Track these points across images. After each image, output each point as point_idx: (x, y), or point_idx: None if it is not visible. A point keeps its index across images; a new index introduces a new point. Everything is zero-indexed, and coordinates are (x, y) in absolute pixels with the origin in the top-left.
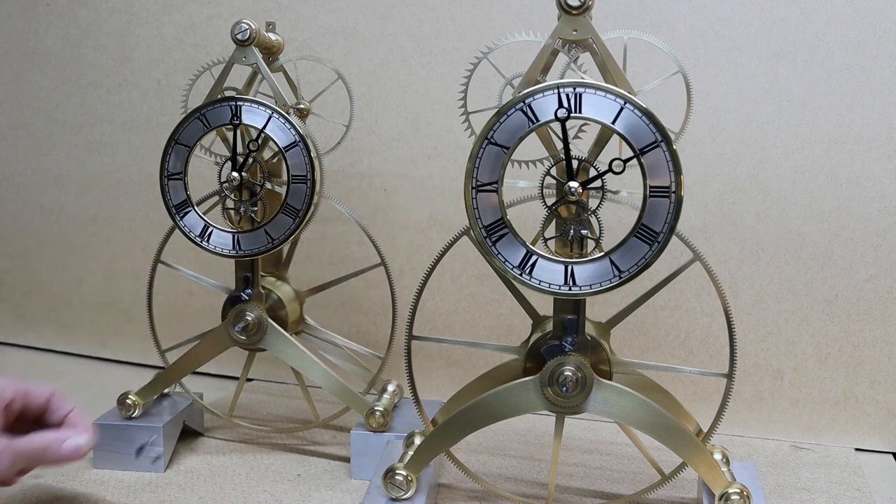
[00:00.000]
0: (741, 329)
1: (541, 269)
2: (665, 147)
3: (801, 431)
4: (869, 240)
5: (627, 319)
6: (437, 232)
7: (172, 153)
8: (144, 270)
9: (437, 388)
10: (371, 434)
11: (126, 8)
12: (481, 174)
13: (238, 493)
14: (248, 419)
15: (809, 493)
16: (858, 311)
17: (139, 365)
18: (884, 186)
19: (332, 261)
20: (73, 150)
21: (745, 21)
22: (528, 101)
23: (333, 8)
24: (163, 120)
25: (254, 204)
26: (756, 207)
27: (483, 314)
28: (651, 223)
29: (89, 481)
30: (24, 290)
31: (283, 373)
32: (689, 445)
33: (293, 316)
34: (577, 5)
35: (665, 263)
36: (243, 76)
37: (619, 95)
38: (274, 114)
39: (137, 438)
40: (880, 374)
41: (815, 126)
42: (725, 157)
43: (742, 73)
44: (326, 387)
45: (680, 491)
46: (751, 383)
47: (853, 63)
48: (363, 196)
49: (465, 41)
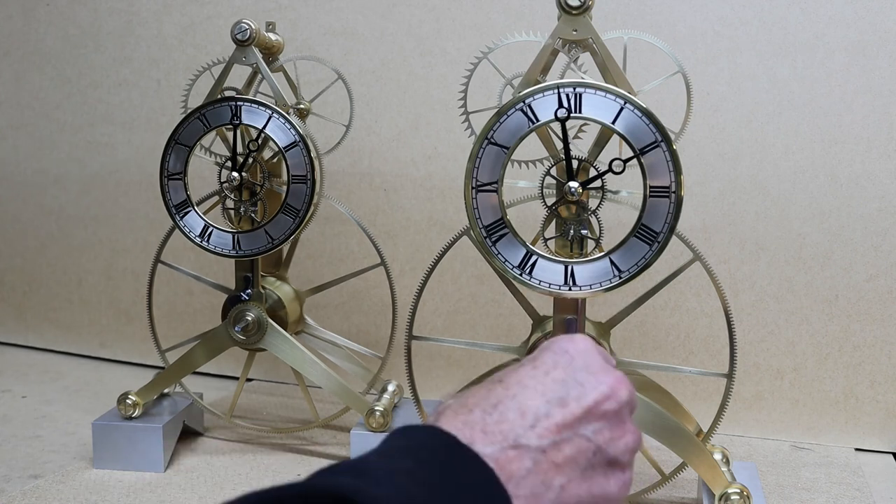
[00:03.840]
0: (741, 329)
1: (541, 269)
2: (665, 147)
3: (801, 431)
4: (869, 240)
5: (627, 319)
6: (437, 232)
7: (172, 153)
8: (144, 270)
9: (437, 388)
10: (371, 434)
11: (126, 8)
12: (481, 174)
13: (238, 493)
14: (248, 419)
15: (809, 493)
16: (858, 311)
17: (139, 365)
18: (884, 186)
19: (332, 261)
20: (73, 150)
21: (745, 21)
22: (528, 101)
23: (333, 8)
24: (163, 120)
25: (254, 204)
26: (756, 207)
27: (483, 314)
28: (651, 223)
29: (89, 481)
30: (25, 290)
31: (283, 373)
32: (689, 445)
33: (293, 316)
34: (577, 5)
35: (665, 263)
36: (243, 76)
37: (619, 95)
38: (274, 114)
39: (138, 438)
40: (880, 374)
41: (815, 126)
42: (725, 157)
43: (742, 73)
44: (326, 387)
45: (680, 491)
46: (751, 383)
47: (853, 63)
48: (363, 196)
49: (465, 41)
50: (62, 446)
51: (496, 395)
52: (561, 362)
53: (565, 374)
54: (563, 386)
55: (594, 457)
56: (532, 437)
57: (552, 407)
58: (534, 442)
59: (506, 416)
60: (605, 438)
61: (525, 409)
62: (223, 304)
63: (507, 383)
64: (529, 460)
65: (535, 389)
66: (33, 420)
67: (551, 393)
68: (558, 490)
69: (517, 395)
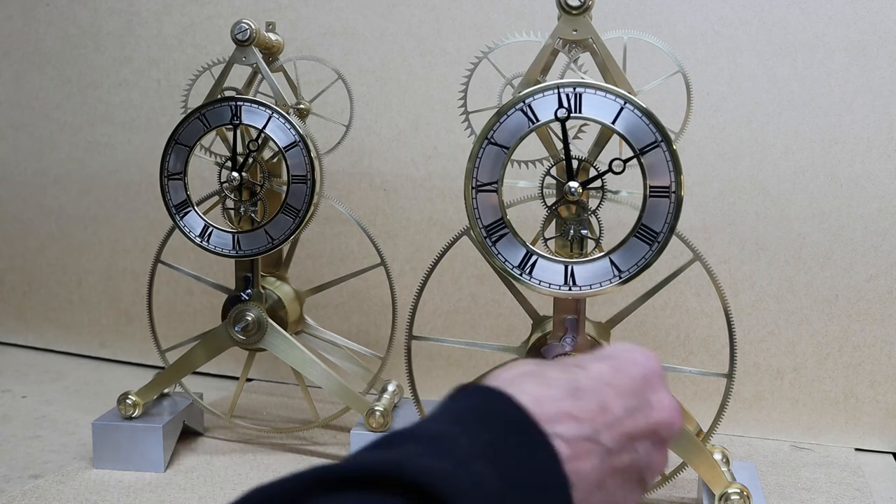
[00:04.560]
0: (741, 329)
1: (541, 269)
2: (665, 147)
3: (801, 431)
4: (869, 240)
5: (627, 319)
6: (437, 232)
7: (172, 153)
8: (144, 270)
9: (437, 388)
10: (371, 434)
11: (126, 8)
12: (481, 174)
13: (238, 492)
14: (248, 419)
15: (809, 493)
16: (858, 311)
17: (139, 365)
18: (884, 186)
19: (332, 261)
20: (73, 150)
21: (745, 21)
22: (528, 101)
23: (333, 8)
24: (163, 120)
25: (254, 204)
26: (756, 207)
27: (483, 314)
28: (651, 223)
29: (89, 481)
30: (25, 290)
31: (283, 373)
32: (689, 445)
33: (293, 316)
34: (577, 5)
35: (665, 263)
36: (243, 76)
37: (619, 95)
38: (274, 114)
39: (138, 438)
40: (880, 374)
41: (815, 126)
42: (725, 157)
43: (742, 73)
44: (326, 387)
45: (680, 491)
46: (751, 383)
47: (853, 63)
48: (363, 196)
49: (465, 41)
50: (62, 446)
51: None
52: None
53: (639, 387)
54: (637, 397)
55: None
56: (607, 437)
57: (627, 415)
58: (608, 442)
59: (589, 406)
60: (651, 459)
61: (607, 406)
62: (223, 304)
63: (590, 373)
64: (597, 458)
65: (615, 391)
66: (33, 420)
67: (628, 401)
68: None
69: (599, 390)
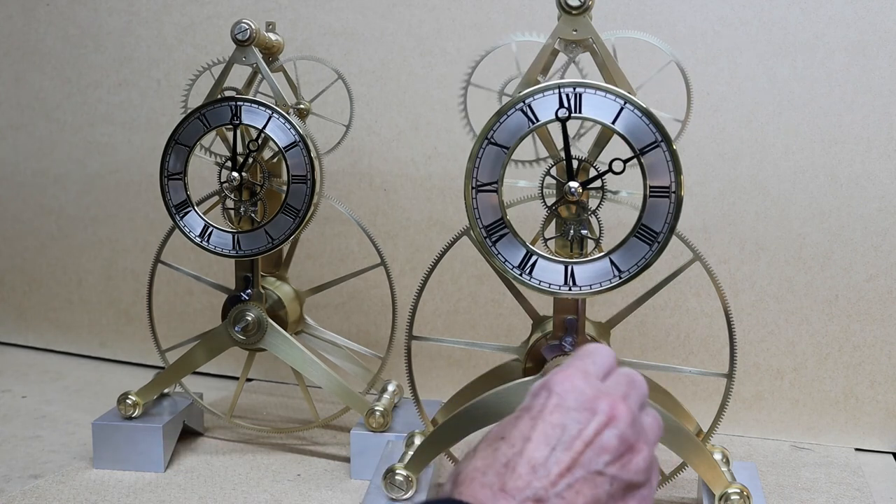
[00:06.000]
0: (741, 329)
1: (541, 269)
2: (665, 147)
3: (801, 431)
4: (869, 240)
5: (627, 319)
6: (437, 232)
7: (172, 153)
8: (144, 270)
9: (437, 388)
10: (371, 434)
11: (126, 8)
12: (481, 174)
13: (238, 493)
14: (248, 419)
15: (809, 493)
16: (858, 311)
17: (139, 365)
18: (884, 186)
19: (332, 261)
20: (73, 150)
21: (745, 21)
22: (528, 101)
23: (333, 8)
24: (163, 120)
25: (254, 204)
26: (756, 207)
27: (483, 314)
28: (651, 223)
29: (89, 481)
30: (25, 290)
31: (283, 373)
32: (689, 445)
33: (293, 316)
34: (577, 5)
35: (665, 263)
36: (243, 76)
37: (619, 95)
38: (274, 114)
39: (138, 438)
40: (880, 374)
41: (815, 126)
42: (725, 157)
43: (742, 73)
44: (326, 387)
45: (680, 491)
46: (751, 383)
47: (853, 63)
48: (363, 196)
49: (465, 41)
50: (62, 446)
51: (504, 454)
52: (552, 405)
53: (561, 416)
54: (562, 429)
55: (612, 487)
56: (548, 488)
57: (559, 452)
58: (551, 491)
59: (519, 474)
60: (617, 466)
61: (534, 462)
62: (223, 304)
63: (511, 440)
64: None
65: (538, 440)
66: (33, 420)
67: (553, 438)
68: None
69: (524, 451)
